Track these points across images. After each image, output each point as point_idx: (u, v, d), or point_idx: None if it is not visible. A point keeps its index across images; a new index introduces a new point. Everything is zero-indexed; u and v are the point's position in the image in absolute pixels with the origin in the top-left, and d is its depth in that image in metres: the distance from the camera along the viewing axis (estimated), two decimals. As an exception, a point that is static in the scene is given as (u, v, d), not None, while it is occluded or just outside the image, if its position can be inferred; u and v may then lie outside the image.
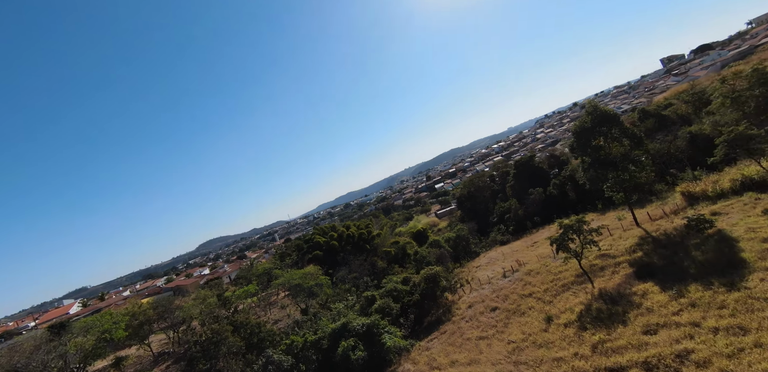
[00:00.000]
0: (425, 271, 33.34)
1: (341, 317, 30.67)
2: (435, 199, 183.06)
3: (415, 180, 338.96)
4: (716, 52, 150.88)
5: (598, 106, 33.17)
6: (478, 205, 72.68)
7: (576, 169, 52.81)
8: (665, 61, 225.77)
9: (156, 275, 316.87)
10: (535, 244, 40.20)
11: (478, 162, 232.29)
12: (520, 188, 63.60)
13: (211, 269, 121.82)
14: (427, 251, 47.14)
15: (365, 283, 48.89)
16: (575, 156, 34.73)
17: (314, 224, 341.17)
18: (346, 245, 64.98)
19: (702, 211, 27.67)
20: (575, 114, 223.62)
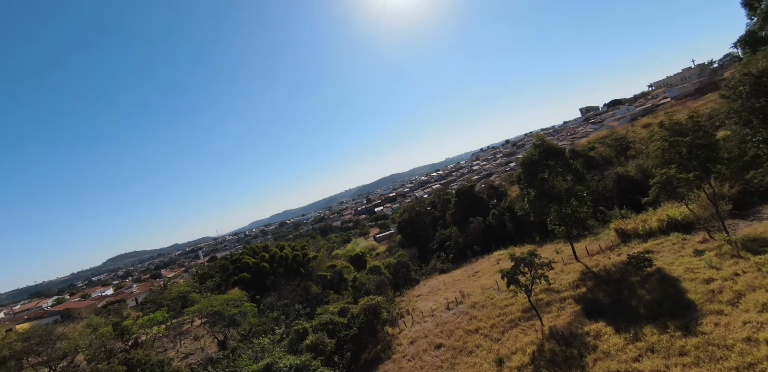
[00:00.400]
0: (365, 300, 30.44)
1: (265, 355, 26.35)
2: (374, 222, 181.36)
3: (355, 202, 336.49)
4: (626, 107, 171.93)
5: (545, 140, 34.00)
6: (418, 231, 71.80)
7: (514, 200, 54.29)
8: (583, 110, 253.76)
9: (47, 293, 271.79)
10: (477, 274, 39.31)
11: (417, 188, 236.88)
12: (460, 216, 63.93)
13: (116, 289, 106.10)
14: (367, 278, 44.27)
15: (296, 311, 44.32)
16: (521, 187, 35.01)
17: (245, 242, 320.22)
18: (278, 268, 59.73)
19: (635, 248, 28.57)
20: (507, 150, 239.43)
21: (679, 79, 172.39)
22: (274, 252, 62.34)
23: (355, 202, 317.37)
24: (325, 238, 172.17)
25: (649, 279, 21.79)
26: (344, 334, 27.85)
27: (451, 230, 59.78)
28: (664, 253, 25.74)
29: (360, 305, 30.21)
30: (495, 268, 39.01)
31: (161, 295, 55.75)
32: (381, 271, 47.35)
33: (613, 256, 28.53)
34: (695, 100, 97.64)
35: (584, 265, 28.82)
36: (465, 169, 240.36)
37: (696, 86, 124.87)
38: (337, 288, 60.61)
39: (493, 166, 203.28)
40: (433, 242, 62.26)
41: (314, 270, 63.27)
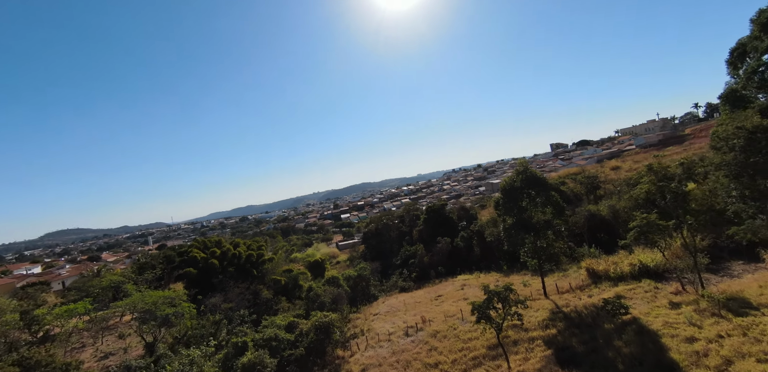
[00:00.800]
0: (318, 317, 27.40)
1: (194, 371, 22.67)
2: (339, 229, 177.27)
3: (322, 206, 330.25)
4: (593, 148, 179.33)
5: (528, 167, 32.86)
6: (383, 244, 69.32)
7: (485, 225, 53.16)
8: (554, 146, 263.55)
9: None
10: (440, 298, 37.15)
11: (387, 200, 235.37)
12: (428, 234, 62.16)
13: (45, 268, 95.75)
14: (323, 289, 41.03)
15: (241, 316, 40.28)
16: (498, 213, 33.56)
17: (200, 233, 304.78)
18: (229, 266, 55.12)
19: (606, 292, 27.44)
20: (478, 174, 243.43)
21: (644, 129, 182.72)
22: (226, 248, 57.70)
23: (322, 206, 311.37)
24: (285, 239, 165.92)
25: (626, 329, 20.37)
26: (288, 354, 24.61)
27: (417, 248, 57.74)
28: (637, 300, 24.63)
29: (311, 321, 27.11)
30: (459, 293, 37.05)
31: (90, 282, 49.65)
32: (339, 283, 44.28)
33: (584, 297, 27.23)
34: (658, 150, 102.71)
35: (554, 303, 27.32)
36: (436, 187, 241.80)
37: (660, 138, 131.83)
38: (291, 295, 56.73)
39: (464, 188, 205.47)
40: (397, 258, 59.94)
41: (268, 273, 59.03)
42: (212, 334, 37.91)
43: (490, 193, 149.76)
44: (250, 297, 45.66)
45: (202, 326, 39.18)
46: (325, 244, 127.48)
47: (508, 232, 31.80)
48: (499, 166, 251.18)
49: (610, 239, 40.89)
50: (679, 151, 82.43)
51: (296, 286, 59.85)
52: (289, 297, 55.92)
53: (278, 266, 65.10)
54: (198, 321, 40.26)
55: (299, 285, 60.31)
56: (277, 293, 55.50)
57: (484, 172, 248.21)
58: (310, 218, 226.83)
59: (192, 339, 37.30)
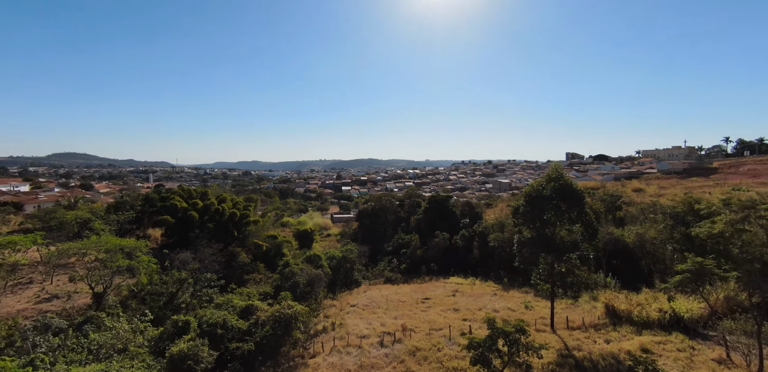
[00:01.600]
0: (281, 307, 22.65)
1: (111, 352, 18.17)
2: (337, 200, 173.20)
3: (325, 174, 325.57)
4: (611, 165, 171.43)
5: (564, 175, 27.06)
6: (377, 227, 64.55)
7: (490, 228, 47.90)
8: (569, 155, 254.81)
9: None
10: (427, 302, 32.43)
11: (390, 180, 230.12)
12: (426, 226, 57.17)
13: (33, 188, 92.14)
14: (300, 268, 36.31)
15: (208, 280, 35.87)
16: (515, 222, 28.11)
17: (203, 179, 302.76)
18: (209, 222, 50.53)
19: (628, 340, 22.43)
20: (488, 170, 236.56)
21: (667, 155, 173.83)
22: (210, 202, 52.93)
23: (325, 175, 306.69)
24: (282, 201, 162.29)
25: (662, 406, 15.45)
26: (234, 347, 20.04)
27: (412, 238, 52.87)
28: (669, 361, 19.65)
29: (273, 310, 22.39)
30: (449, 301, 32.26)
31: (56, 213, 45.24)
32: (320, 263, 39.63)
33: (599, 341, 22.27)
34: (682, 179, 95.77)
35: (562, 341, 22.42)
36: (442, 175, 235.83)
37: (685, 166, 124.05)
38: (271, 263, 52.57)
39: (470, 181, 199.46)
40: (390, 244, 55.23)
41: (250, 236, 54.67)
42: (172, 294, 33.67)
43: (497, 192, 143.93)
44: (222, 260, 41.18)
45: (164, 283, 34.92)
46: (320, 213, 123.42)
47: (524, 247, 26.50)
48: (510, 166, 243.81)
49: (628, 270, 35.74)
50: (711, 184, 75.84)
51: (279, 254, 55.59)
52: (269, 265, 51.75)
53: (263, 230, 60.66)
54: (161, 277, 36.02)
55: (282, 253, 56.09)
56: (256, 258, 51.32)
57: (493, 169, 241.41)
58: (311, 184, 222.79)
59: (149, 296, 33.11)
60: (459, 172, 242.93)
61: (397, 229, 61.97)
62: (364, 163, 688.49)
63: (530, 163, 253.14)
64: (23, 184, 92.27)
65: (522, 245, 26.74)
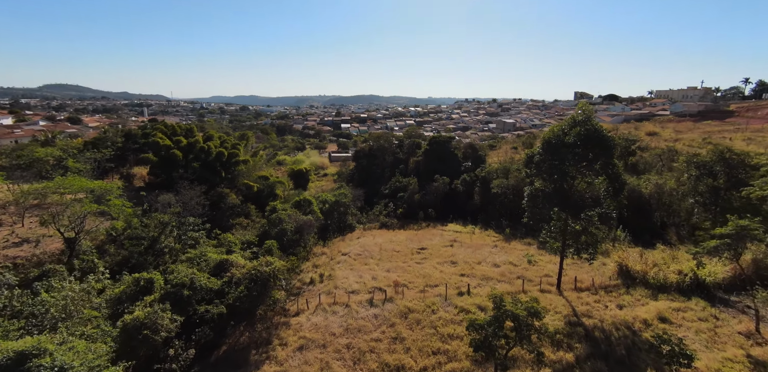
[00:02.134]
0: (258, 263, 19.72)
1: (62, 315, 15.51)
2: (336, 138, 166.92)
3: (325, 110, 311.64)
4: (621, 106, 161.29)
5: (593, 118, 22.13)
6: (374, 168, 60.65)
7: (493, 173, 43.89)
8: (578, 94, 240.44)
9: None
10: (423, 253, 29.94)
11: (391, 118, 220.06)
12: (425, 169, 53.20)
13: (16, 121, 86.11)
14: (287, 214, 33.18)
15: (189, 224, 33.14)
16: (527, 171, 23.94)
17: (199, 114, 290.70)
18: (194, 161, 46.47)
19: (642, 303, 19.97)
20: (492, 109, 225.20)
21: (681, 96, 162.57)
22: (195, 140, 48.22)
23: (325, 111, 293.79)
24: (279, 138, 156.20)
25: (690, 394, 13.13)
26: (204, 310, 17.50)
27: (410, 181, 49.28)
28: (689, 333, 17.26)
29: (249, 267, 19.50)
30: (447, 252, 29.74)
31: (24, 150, 40.87)
32: (311, 209, 36.55)
33: (611, 306, 19.82)
34: (696, 122, 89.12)
35: (570, 305, 19.97)
36: (444, 114, 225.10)
37: (700, 108, 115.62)
38: (263, 204, 49.86)
39: (473, 120, 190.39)
40: (387, 187, 51.86)
41: (240, 176, 51.08)
42: (154, 238, 31.10)
43: (500, 133, 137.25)
44: (207, 202, 38.02)
45: (145, 226, 32.21)
46: (317, 151, 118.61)
47: (536, 200, 22.73)
48: (515, 105, 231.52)
49: (639, 222, 32.63)
50: (730, 129, 69.89)
51: (271, 195, 52.68)
52: (261, 206, 49.08)
53: (255, 170, 56.93)
54: (141, 220, 33.19)
55: (274, 194, 53.17)
56: (247, 200, 48.46)
57: (498, 108, 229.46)
58: (309, 121, 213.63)
59: (128, 241, 30.57)
60: (462, 111, 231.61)
61: (395, 171, 58.14)
62: (364, 100, 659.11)
63: (536, 103, 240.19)
64: (6, 117, 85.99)
65: (534, 199, 22.96)
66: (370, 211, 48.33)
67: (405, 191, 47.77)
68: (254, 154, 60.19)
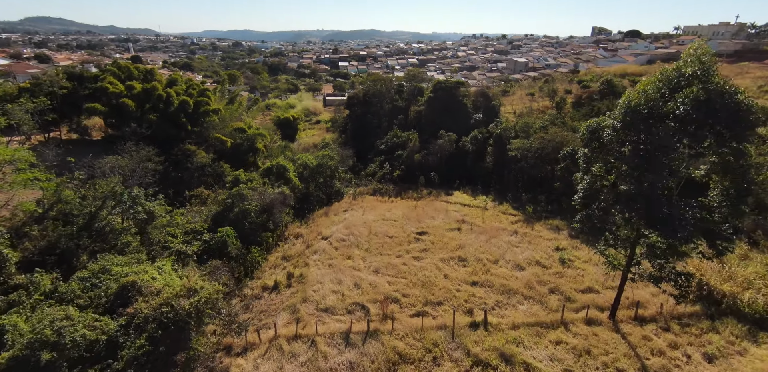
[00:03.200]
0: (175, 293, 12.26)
1: None
2: (333, 77, 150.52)
3: (322, 47, 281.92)
4: (645, 43, 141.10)
5: (715, 72, 12.50)
6: (370, 118, 50.82)
7: (511, 130, 34.62)
8: (596, 30, 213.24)
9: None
10: (423, 239, 22.63)
11: (392, 55, 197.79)
12: (428, 121, 43.61)
13: None
14: (251, 186, 25.22)
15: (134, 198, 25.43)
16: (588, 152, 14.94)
17: (190, 50, 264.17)
18: (151, 112, 36.97)
19: (739, 355, 13.18)
20: (501, 47, 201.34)
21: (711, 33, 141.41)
22: (151, 86, 37.96)
23: (322, 48, 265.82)
24: (272, 78, 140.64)
25: None
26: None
27: (410, 136, 40.23)
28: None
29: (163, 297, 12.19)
30: (453, 238, 22.39)
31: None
32: (287, 177, 28.43)
33: (695, 356, 12.95)
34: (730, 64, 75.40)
35: (635, 352, 13.22)
36: (449, 51, 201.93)
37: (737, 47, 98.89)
38: (241, 161, 41.84)
39: (481, 59, 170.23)
40: (383, 142, 42.97)
41: (211, 129, 41.86)
42: (91, 214, 23.75)
43: (511, 73, 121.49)
44: (158, 168, 29.74)
45: (83, 198, 24.65)
46: (311, 94, 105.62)
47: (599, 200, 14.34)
48: (527, 42, 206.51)
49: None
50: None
51: (251, 150, 44.23)
52: (239, 164, 41.11)
53: (233, 119, 47.41)
54: (78, 191, 25.49)
55: (255, 148, 44.65)
56: (221, 157, 40.23)
57: (508, 45, 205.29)
58: (305, 59, 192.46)
59: (51, 222, 23.27)
60: (469, 48, 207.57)
61: (393, 122, 48.54)
62: (365, 35, 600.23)
63: (549, 39, 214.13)
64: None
65: (593, 196, 14.65)
66: (362, 172, 40.41)
67: (404, 149, 39.08)
68: (231, 100, 49.83)
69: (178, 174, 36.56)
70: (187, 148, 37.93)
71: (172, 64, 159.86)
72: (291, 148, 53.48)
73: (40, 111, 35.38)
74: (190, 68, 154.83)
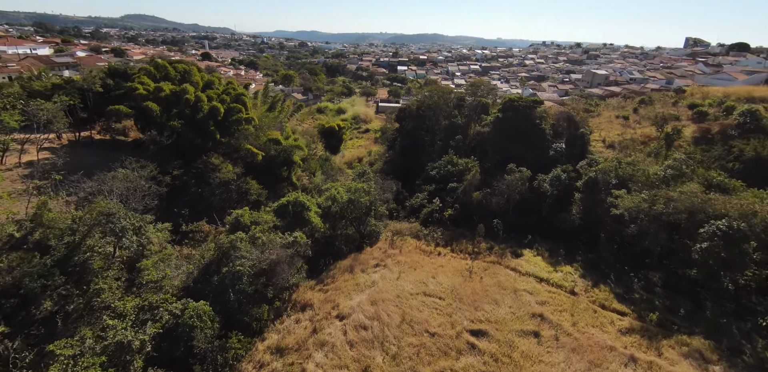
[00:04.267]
0: None
1: None
2: (390, 81, 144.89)
3: (383, 50, 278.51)
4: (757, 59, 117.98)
5: None
6: (422, 135, 43.33)
7: (610, 170, 25.28)
8: (690, 41, 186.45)
9: (51, 29, 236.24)
10: (479, 343, 14.79)
11: (453, 61, 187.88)
12: (493, 148, 35.15)
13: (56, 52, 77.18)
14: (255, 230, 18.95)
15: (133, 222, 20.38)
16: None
17: (258, 49, 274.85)
18: (176, 117, 32.64)
19: None
20: (575, 56, 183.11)
21: None
22: (181, 89, 33.68)
23: (383, 51, 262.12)
24: (329, 79, 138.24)
25: None
26: None
27: (469, 165, 32.12)
28: None
29: None
30: (529, 357, 14.31)
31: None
32: (306, 218, 21.86)
33: None
34: None
35: None
36: (516, 59, 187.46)
37: None
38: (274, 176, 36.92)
39: (551, 69, 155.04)
40: (435, 166, 35.29)
41: (244, 138, 37.00)
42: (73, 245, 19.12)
43: (586, 86, 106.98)
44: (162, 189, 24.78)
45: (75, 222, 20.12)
46: (365, 98, 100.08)
47: None
48: (605, 52, 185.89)
49: None
50: None
51: (287, 163, 38.99)
52: (272, 180, 36.12)
53: (271, 127, 42.37)
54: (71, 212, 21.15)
55: (290, 162, 39.34)
56: (250, 172, 35.27)
57: (583, 54, 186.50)
58: (364, 61, 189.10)
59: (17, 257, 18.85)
60: (538, 56, 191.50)
61: (450, 142, 40.57)
62: (427, 39, 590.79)
63: (632, 50, 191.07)
64: (43, 46, 76.93)
65: None
66: (407, 201, 33.15)
67: (459, 180, 31.06)
68: (271, 105, 45.01)
69: (198, 189, 31.99)
70: (211, 160, 33.28)
71: (239, 61, 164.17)
72: (332, 161, 47.59)
73: (70, 109, 32.48)
74: (255, 66, 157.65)
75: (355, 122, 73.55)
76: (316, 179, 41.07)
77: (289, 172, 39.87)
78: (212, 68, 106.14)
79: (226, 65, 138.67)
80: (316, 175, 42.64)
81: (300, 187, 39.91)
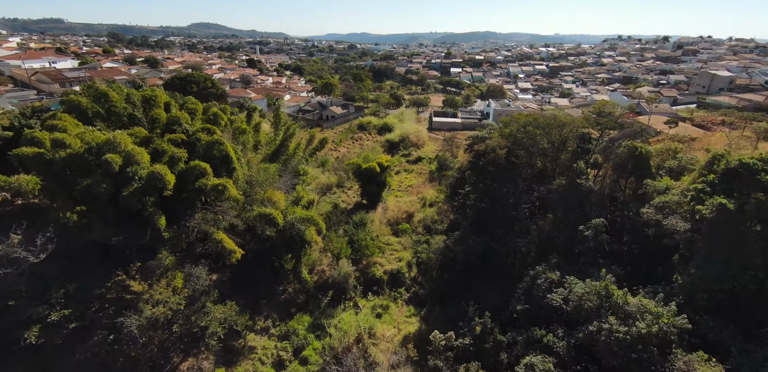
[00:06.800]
0: None
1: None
2: (443, 86, 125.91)
3: (434, 50, 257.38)
4: None
5: None
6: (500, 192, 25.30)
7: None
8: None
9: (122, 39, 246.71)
10: None
11: (514, 61, 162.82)
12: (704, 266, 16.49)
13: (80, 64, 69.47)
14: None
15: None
16: None
17: (309, 52, 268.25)
18: (82, 198, 18.17)
19: None
20: (664, 52, 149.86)
21: None
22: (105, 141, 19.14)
23: (433, 51, 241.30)
24: (375, 84, 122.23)
25: None
26: None
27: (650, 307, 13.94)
28: None
29: None
30: None
31: None
32: None
33: None
34: None
35: None
36: (589, 57, 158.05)
37: None
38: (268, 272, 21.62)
39: (637, 68, 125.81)
40: (529, 241, 17.22)
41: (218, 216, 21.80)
42: None
43: (702, 92, 79.80)
44: None
45: None
46: (415, 110, 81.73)
47: None
48: (706, 46, 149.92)
49: None
50: None
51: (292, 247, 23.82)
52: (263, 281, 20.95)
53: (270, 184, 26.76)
54: None
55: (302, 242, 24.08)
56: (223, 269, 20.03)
57: (675, 49, 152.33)
58: (414, 63, 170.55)
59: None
60: (616, 53, 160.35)
61: (569, 215, 22.11)
62: (479, 37, 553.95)
63: (744, 43, 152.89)
64: (64, 59, 69.37)
65: None
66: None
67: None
68: (276, 151, 29.52)
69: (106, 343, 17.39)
70: (131, 286, 18.19)
71: (286, 67, 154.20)
72: (368, 228, 30.59)
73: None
74: (300, 71, 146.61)
75: (403, 146, 56.64)
76: (342, 268, 25.00)
77: (297, 260, 24.32)
78: (247, 77, 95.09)
79: (268, 72, 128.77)
80: (341, 257, 26.63)
81: (312, 287, 24.20)
